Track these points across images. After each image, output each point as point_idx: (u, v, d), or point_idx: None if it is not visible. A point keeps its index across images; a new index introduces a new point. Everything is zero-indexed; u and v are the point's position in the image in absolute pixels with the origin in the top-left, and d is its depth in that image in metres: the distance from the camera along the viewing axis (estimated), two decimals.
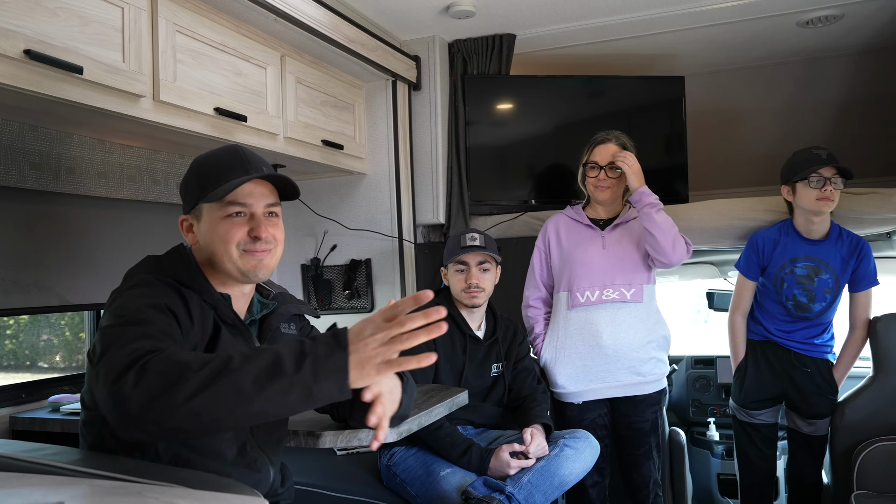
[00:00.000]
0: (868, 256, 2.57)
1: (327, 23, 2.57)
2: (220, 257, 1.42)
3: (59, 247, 2.19)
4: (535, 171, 3.41)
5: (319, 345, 1.10)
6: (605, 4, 2.97)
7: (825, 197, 2.48)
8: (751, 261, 2.71)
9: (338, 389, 1.09)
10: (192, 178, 1.48)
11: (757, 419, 2.74)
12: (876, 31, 3.32)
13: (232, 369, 1.07)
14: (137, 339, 1.16)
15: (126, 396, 1.06)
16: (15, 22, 1.60)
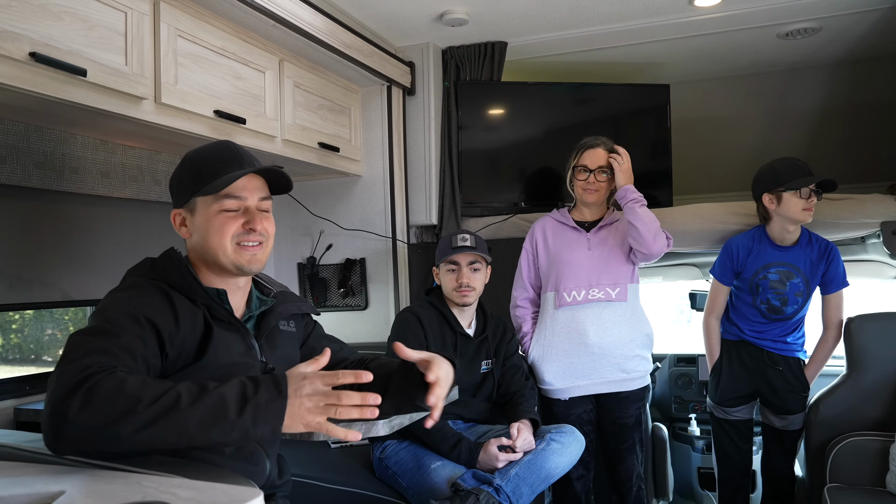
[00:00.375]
0: (837, 260, 2.59)
1: (325, 29, 2.57)
2: (215, 250, 1.41)
3: (62, 244, 2.18)
4: (525, 174, 3.41)
5: (261, 391, 1.13)
6: (594, 14, 2.98)
7: (810, 207, 2.50)
8: (725, 266, 2.72)
9: (271, 433, 1.13)
10: (185, 172, 1.46)
11: (733, 416, 2.75)
12: (852, 43, 3.34)
13: (179, 408, 1.08)
14: (93, 353, 1.15)
15: (68, 419, 1.06)
16: (20, 25, 1.59)
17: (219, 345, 1.38)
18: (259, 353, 1.47)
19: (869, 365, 2.62)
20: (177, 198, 1.47)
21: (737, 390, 2.71)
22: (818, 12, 2.98)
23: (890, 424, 2.49)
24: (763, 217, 2.65)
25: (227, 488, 1.01)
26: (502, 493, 2.04)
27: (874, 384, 2.60)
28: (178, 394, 1.10)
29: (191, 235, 1.45)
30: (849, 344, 2.69)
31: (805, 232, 2.63)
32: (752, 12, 2.97)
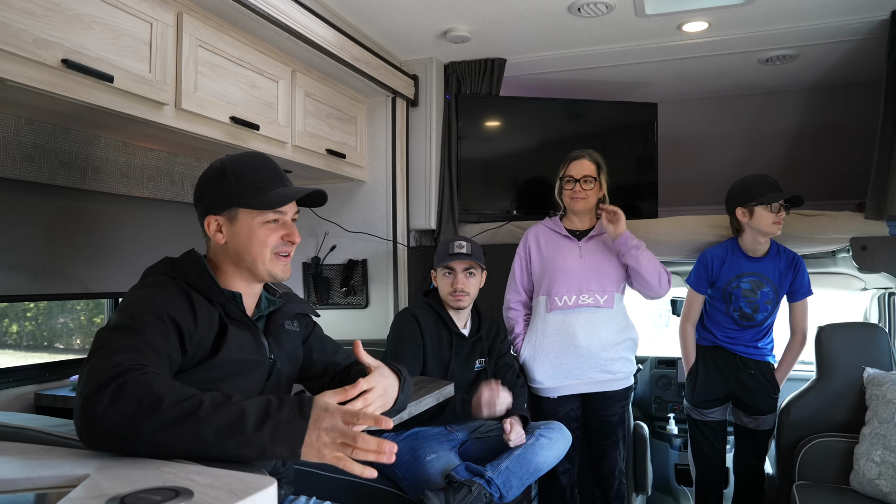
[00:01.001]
0: (802, 270, 2.64)
1: (336, 42, 2.58)
2: (254, 259, 1.43)
3: (83, 239, 2.18)
4: (518, 183, 3.43)
5: (284, 409, 1.10)
6: (589, 36, 3.00)
7: (779, 221, 2.54)
8: (700, 276, 2.75)
9: (290, 454, 1.09)
10: (224, 181, 1.43)
11: (709, 417, 2.78)
12: (826, 70, 3.38)
13: (199, 416, 1.07)
14: (123, 350, 1.16)
15: (97, 414, 1.06)
16: (55, 34, 1.60)
17: (232, 343, 1.39)
18: (268, 351, 1.48)
19: (837, 371, 2.66)
20: (213, 205, 1.44)
21: (712, 393, 2.73)
22: (796, 41, 3.02)
23: (855, 426, 2.53)
24: (736, 229, 2.69)
25: (243, 475, 1.02)
26: (493, 485, 2.05)
27: (841, 389, 2.63)
28: (200, 401, 1.09)
29: (226, 242, 1.44)
30: (819, 351, 2.72)
31: (773, 244, 2.67)
32: (735, 39, 3.00)
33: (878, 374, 2.54)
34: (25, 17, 1.54)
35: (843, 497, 2.35)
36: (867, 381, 2.55)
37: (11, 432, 1.25)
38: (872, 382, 2.52)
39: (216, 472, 1.04)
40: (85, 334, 2.93)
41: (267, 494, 0.97)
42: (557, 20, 2.84)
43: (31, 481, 1.03)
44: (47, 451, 1.16)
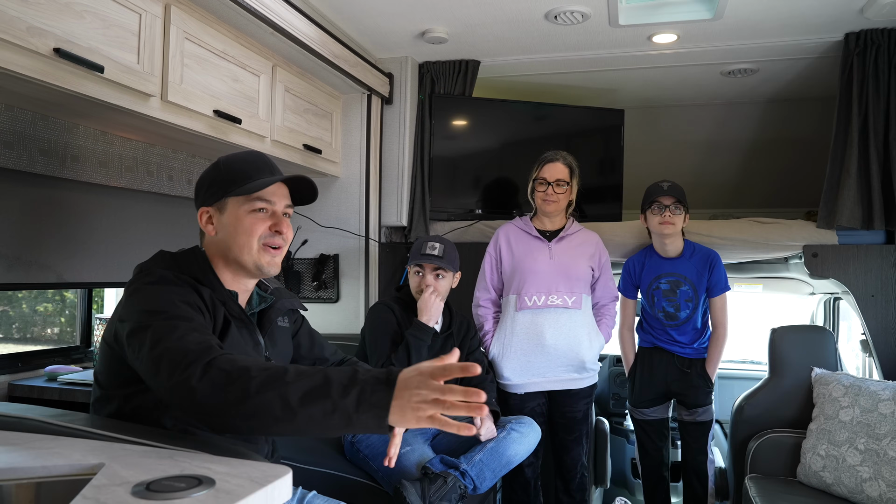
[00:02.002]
0: (718, 266, 2.77)
1: (317, 39, 2.61)
2: (240, 248, 1.43)
3: (59, 228, 2.15)
4: (483, 183, 3.49)
5: (370, 378, 1.09)
6: (562, 42, 3.10)
7: (665, 221, 2.71)
8: (626, 282, 2.94)
9: (377, 424, 1.07)
10: (218, 174, 1.47)
11: (649, 416, 2.92)
12: (784, 84, 3.56)
13: (286, 381, 1.09)
14: (191, 332, 1.19)
15: (192, 388, 1.10)
16: (47, 22, 1.59)
17: (234, 338, 1.41)
18: (264, 349, 1.51)
19: (787, 370, 2.81)
20: (206, 196, 1.48)
21: (649, 393, 2.88)
22: (757, 56, 3.19)
23: (803, 423, 2.68)
24: (649, 234, 2.87)
25: (258, 464, 1.06)
26: (468, 477, 2.12)
27: (791, 387, 2.79)
28: (285, 369, 1.12)
29: (216, 233, 1.46)
30: (771, 352, 2.88)
31: (688, 244, 2.82)
32: (700, 52, 3.15)
33: (824, 373, 2.71)
34: (19, 4, 1.53)
35: (790, 488, 2.51)
36: (815, 381, 2.71)
37: (12, 422, 1.26)
38: (819, 381, 2.69)
39: (231, 461, 1.08)
40: (56, 324, 2.89)
41: (284, 482, 1.02)
42: (533, 26, 2.92)
43: (46, 469, 1.06)
44: (52, 441, 1.18)
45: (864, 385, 2.54)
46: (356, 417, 1.07)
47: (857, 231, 2.88)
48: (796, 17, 2.77)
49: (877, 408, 2.44)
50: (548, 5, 2.71)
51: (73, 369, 2.13)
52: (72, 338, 2.82)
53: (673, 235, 2.76)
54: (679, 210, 2.71)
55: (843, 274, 2.88)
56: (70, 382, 1.98)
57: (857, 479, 2.36)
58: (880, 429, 2.39)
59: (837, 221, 2.84)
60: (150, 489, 0.94)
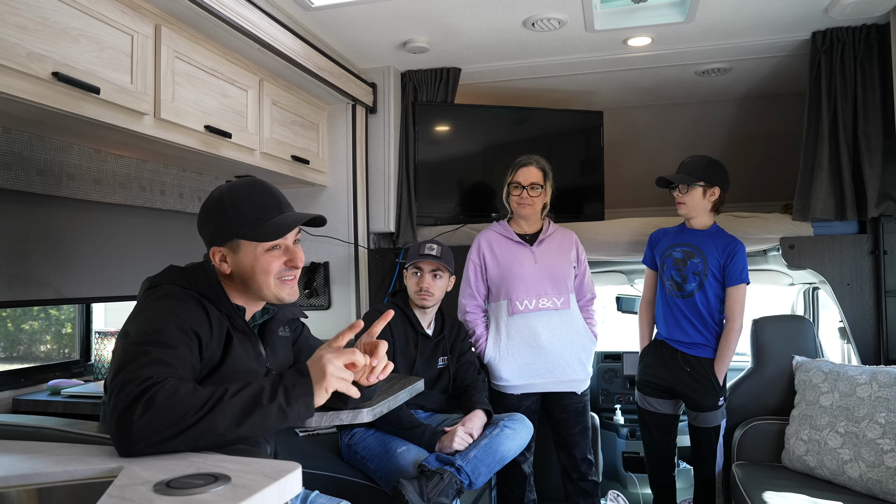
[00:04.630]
0: (738, 255, 2.70)
1: (301, 52, 2.68)
2: (260, 286, 1.48)
3: (57, 245, 2.21)
4: (464, 186, 3.57)
5: (286, 376, 1.28)
6: (541, 48, 3.19)
7: (678, 201, 2.77)
8: (647, 252, 2.97)
9: (306, 409, 1.27)
10: (224, 213, 1.47)
11: (653, 407, 2.88)
12: (756, 82, 3.67)
13: (223, 400, 1.21)
14: (153, 364, 1.24)
15: (133, 428, 1.15)
16: (45, 47, 1.66)
17: (237, 352, 1.47)
18: (265, 360, 1.57)
19: (770, 360, 2.91)
20: (215, 237, 1.49)
21: (653, 379, 2.85)
22: (729, 56, 3.30)
23: (786, 410, 2.78)
24: None
25: (269, 462, 1.13)
26: (463, 473, 2.19)
27: (773, 376, 2.89)
28: (224, 389, 1.23)
29: (231, 271, 1.49)
30: (754, 342, 2.98)
31: (716, 226, 2.82)
32: (675, 53, 3.26)
33: (805, 361, 2.81)
34: (18, 32, 1.59)
35: (775, 473, 2.60)
36: (796, 368, 2.82)
37: (30, 432, 1.32)
38: (800, 369, 2.79)
39: (243, 459, 1.15)
40: (42, 341, 2.93)
41: (295, 477, 1.09)
42: (512, 33, 3.02)
43: (69, 473, 1.12)
44: (70, 448, 1.25)
45: (843, 371, 2.64)
46: (289, 410, 1.25)
47: (831, 222, 2.98)
48: (765, 17, 2.88)
49: (855, 392, 2.54)
50: (525, 13, 2.80)
51: (75, 383, 2.19)
52: (60, 354, 2.87)
53: (691, 214, 2.76)
54: (687, 189, 2.72)
55: (819, 264, 2.98)
56: (73, 395, 2.04)
57: (839, 462, 2.46)
58: (859, 412, 2.49)
59: (812, 213, 2.94)
60: (170, 486, 1.00)
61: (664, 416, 2.89)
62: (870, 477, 2.36)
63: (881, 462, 2.34)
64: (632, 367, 3.86)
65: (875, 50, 2.91)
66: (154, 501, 0.96)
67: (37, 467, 1.13)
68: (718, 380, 2.72)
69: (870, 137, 2.88)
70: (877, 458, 2.36)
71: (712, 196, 2.75)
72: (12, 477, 1.11)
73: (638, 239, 3.17)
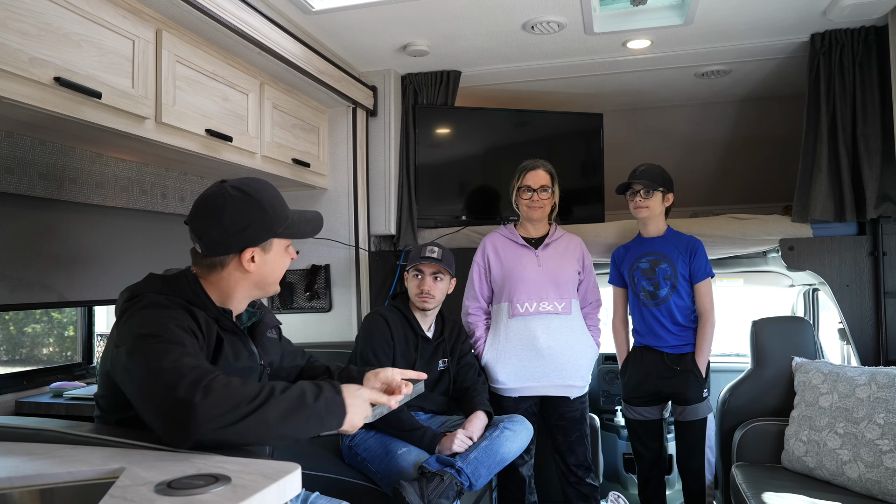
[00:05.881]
0: (700, 252, 2.80)
1: (302, 56, 2.70)
2: (273, 282, 1.56)
3: (59, 249, 2.23)
4: (468, 189, 3.59)
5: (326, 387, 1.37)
6: (540, 51, 3.21)
7: (638, 206, 2.82)
8: (613, 271, 3.02)
9: (338, 423, 1.37)
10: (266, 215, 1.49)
11: (641, 415, 2.93)
12: (756, 84, 3.68)
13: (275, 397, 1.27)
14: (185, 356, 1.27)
15: (197, 411, 1.18)
16: (47, 52, 1.68)
17: (229, 352, 1.50)
18: (258, 358, 1.61)
19: (769, 361, 2.92)
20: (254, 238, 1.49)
21: (640, 389, 2.90)
22: (729, 58, 3.31)
23: (785, 410, 2.79)
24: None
25: (269, 462, 1.15)
26: (463, 474, 2.20)
27: (773, 377, 2.89)
28: (272, 387, 1.28)
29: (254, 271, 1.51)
30: (753, 343, 2.98)
31: (670, 229, 2.89)
32: (674, 55, 3.27)
33: (804, 362, 2.82)
34: (21, 38, 1.61)
35: (775, 474, 2.61)
36: (795, 369, 2.83)
37: (31, 433, 1.34)
38: (800, 370, 2.80)
39: (243, 460, 1.17)
40: (45, 344, 2.95)
41: (294, 477, 1.11)
42: (511, 36, 3.03)
43: (71, 475, 1.14)
44: (72, 450, 1.26)
45: (842, 371, 2.65)
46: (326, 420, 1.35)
47: (830, 224, 2.99)
48: (764, 19, 2.90)
49: (854, 393, 2.55)
50: (525, 16, 2.82)
51: (77, 385, 2.20)
52: (62, 357, 2.88)
53: (650, 218, 2.85)
54: (650, 194, 2.80)
55: (818, 265, 2.99)
56: (76, 398, 2.05)
57: (838, 462, 2.47)
58: (858, 413, 2.50)
59: (811, 215, 2.96)
60: (171, 487, 1.02)
61: (652, 423, 2.96)
62: (869, 478, 2.36)
63: (880, 463, 2.35)
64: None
65: (874, 52, 2.92)
66: (155, 502, 0.97)
67: (39, 468, 1.15)
68: (701, 371, 2.77)
69: (869, 139, 2.89)
70: (876, 459, 2.37)
71: (668, 202, 2.87)
72: (15, 478, 1.12)
73: None
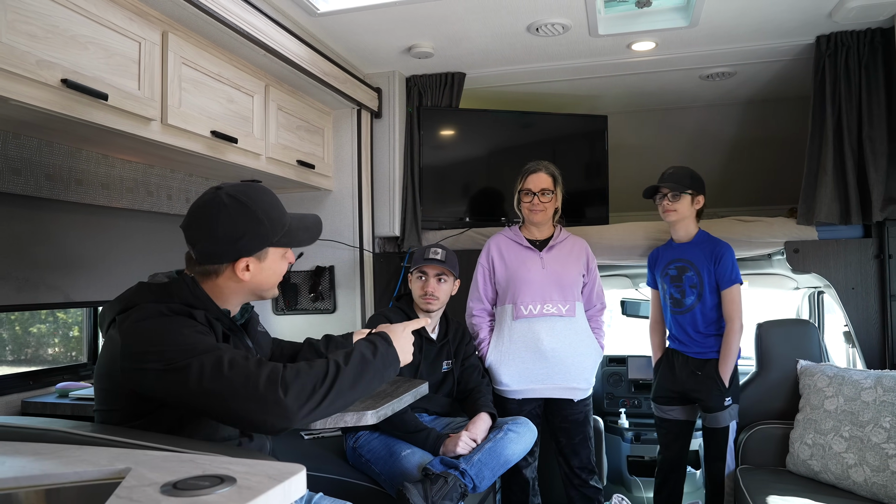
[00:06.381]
0: (724, 258, 2.72)
1: (307, 58, 2.71)
2: (269, 288, 1.56)
3: (65, 250, 2.23)
4: (471, 191, 3.59)
5: (378, 343, 1.49)
6: (545, 53, 3.21)
7: (666, 210, 2.80)
8: (649, 274, 3.02)
9: (396, 368, 1.52)
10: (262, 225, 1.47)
11: (667, 415, 2.92)
12: (761, 86, 3.68)
13: (341, 369, 1.37)
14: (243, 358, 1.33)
15: (287, 402, 1.28)
16: (54, 55, 1.69)
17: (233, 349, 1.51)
18: (255, 353, 1.63)
19: (774, 364, 2.91)
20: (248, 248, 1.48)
21: (666, 389, 2.90)
22: (734, 60, 3.30)
23: (790, 414, 2.79)
24: None
25: (274, 463, 1.15)
26: (467, 476, 2.20)
27: (778, 380, 2.89)
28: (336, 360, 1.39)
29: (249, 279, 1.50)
30: (758, 346, 2.98)
31: (701, 233, 2.85)
32: (679, 57, 3.27)
33: (809, 365, 2.81)
34: (28, 40, 1.62)
35: (780, 477, 2.61)
36: (800, 372, 2.82)
37: (38, 433, 1.34)
38: (805, 373, 2.79)
39: (248, 462, 1.17)
40: (50, 344, 2.95)
41: (299, 479, 1.11)
42: (516, 38, 3.03)
43: (77, 475, 1.14)
44: (78, 450, 1.26)
45: (847, 375, 2.64)
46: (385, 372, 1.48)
47: (835, 226, 2.98)
48: (769, 21, 2.89)
49: (860, 396, 2.54)
50: (529, 18, 2.82)
51: (83, 385, 2.21)
52: (67, 357, 2.89)
53: (679, 221, 2.82)
54: (678, 197, 2.77)
55: (823, 268, 2.98)
56: (81, 398, 2.06)
57: (843, 466, 2.46)
58: (863, 416, 2.49)
59: (816, 217, 2.95)
60: (177, 488, 1.02)
61: (680, 423, 2.93)
62: (874, 481, 2.35)
63: (886, 466, 2.34)
64: (637, 371, 3.87)
65: (879, 54, 2.91)
66: (161, 502, 0.97)
67: (45, 468, 1.15)
68: (724, 381, 2.72)
69: (874, 141, 2.88)
70: (881, 463, 2.36)
71: (697, 204, 2.83)
72: (22, 478, 1.12)
73: (642, 243, 3.18)
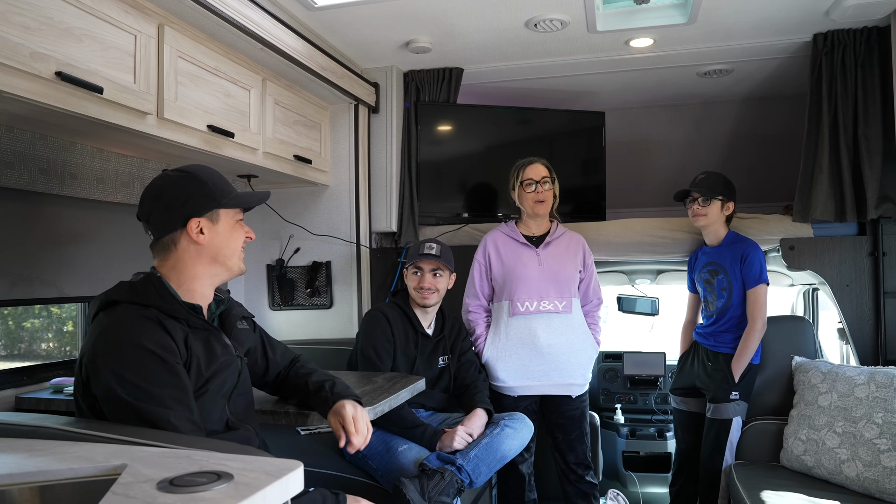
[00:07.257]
0: (750, 259, 2.75)
1: (304, 52, 2.69)
2: (232, 252, 1.57)
3: (60, 244, 2.21)
4: (468, 187, 3.58)
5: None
6: (543, 49, 3.20)
7: (696, 214, 2.84)
8: (688, 277, 3.07)
9: None
10: (205, 186, 1.53)
11: (681, 406, 3.01)
12: (758, 83, 3.68)
13: None
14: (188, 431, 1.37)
15: None
16: (49, 47, 1.66)
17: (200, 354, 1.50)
18: (234, 350, 1.61)
19: (769, 360, 2.90)
20: (196, 208, 1.52)
21: (679, 381, 3.02)
22: (731, 57, 3.30)
23: (784, 410, 2.79)
24: None
25: (271, 460, 1.14)
26: (464, 472, 2.20)
27: (773, 376, 2.89)
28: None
29: (206, 242, 1.53)
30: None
31: (731, 234, 2.87)
32: (676, 54, 3.26)
33: (804, 361, 2.82)
34: (22, 32, 1.60)
35: (773, 472, 2.61)
36: (795, 369, 2.82)
37: (33, 430, 1.33)
38: (799, 369, 2.79)
39: (244, 458, 1.16)
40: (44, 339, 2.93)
41: (297, 475, 1.10)
42: (514, 34, 3.02)
43: (72, 471, 1.12)
44: (73, 446, 1.25)
45: (841, 371, 2.64)
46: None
47: (830, 224, 2.98)
48: (766, 19, 2.88)
49: (853, 392, 2.55)
50: (528, 14, 2.81)
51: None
52: (61, 353, 2.86)
53: (708, 226, 2.86)
54: (708, 202, 2.80)
55: (819, 265, 2.98)
56: None
57: (836, 461, 2.46)
58: (856, 412, 2.49)
59: (812, 215, 2.94)
60: (173, 484, 1.01)
61: (689, 414, 3.00)
62: (867, 476, 2.36)
63: (878, 462, 2.35)
64: (632, 367, 3.87)
65: (876, 52, 2.91)
66: (157, 499, 0.96)
67: (40, 465, 1.14)
68: (734, 375, 2.75)
69: (870, 139, 2.88)
70: (874, 458, 2.36)
71: (727, 210, 2.86)
72: (16, 475, 1.11)
73: (639, 239, 3.17)
